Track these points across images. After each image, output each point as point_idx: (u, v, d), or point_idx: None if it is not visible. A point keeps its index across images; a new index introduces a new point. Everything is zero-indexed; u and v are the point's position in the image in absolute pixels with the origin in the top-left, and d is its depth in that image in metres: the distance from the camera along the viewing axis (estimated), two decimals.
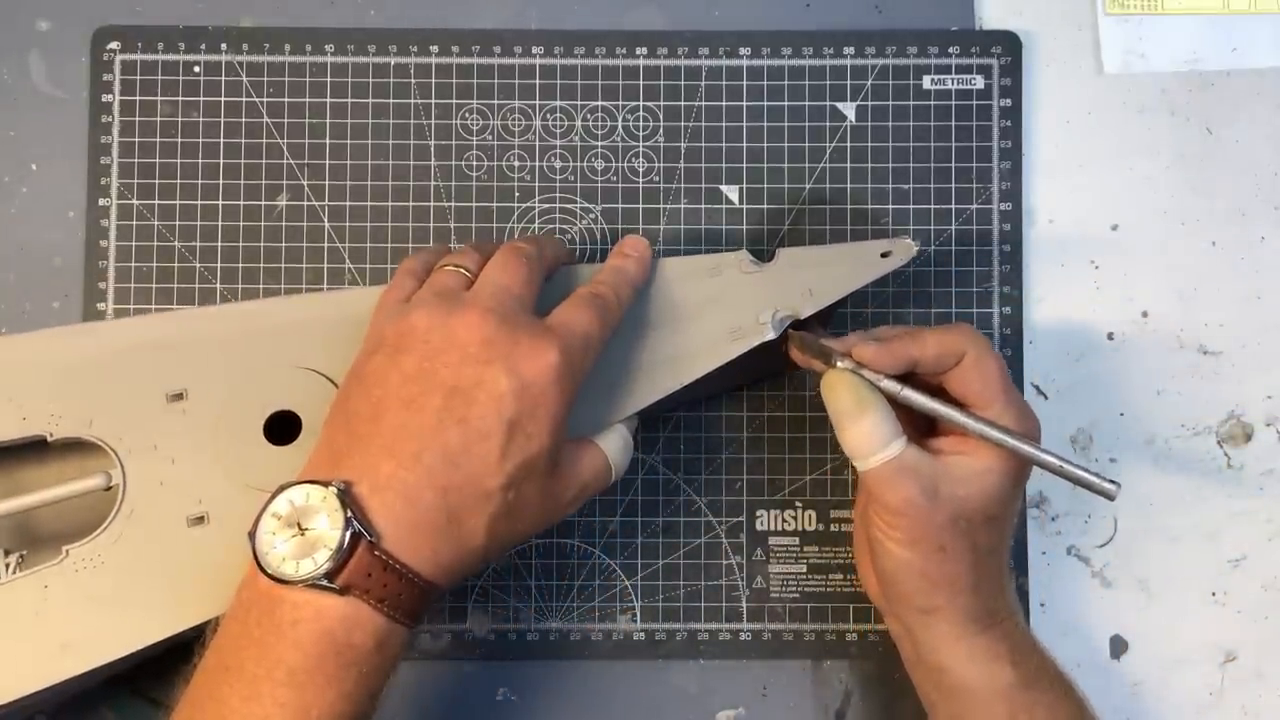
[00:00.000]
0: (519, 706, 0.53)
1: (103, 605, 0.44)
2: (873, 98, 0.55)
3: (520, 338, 0.41)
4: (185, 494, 0.45)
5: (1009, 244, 0.54)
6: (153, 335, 0.46)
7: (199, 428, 0.45)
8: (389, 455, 0.39)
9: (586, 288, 0.45)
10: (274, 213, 0.54)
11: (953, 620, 0.44)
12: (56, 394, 0.45)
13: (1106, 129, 0.55)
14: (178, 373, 0.46)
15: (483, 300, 0.42)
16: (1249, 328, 0.55)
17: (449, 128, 0.55)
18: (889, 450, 0.43)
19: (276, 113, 0.54)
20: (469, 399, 0.39)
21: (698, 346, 0.47)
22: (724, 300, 0.47)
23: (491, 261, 0.44)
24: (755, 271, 0.47)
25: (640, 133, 0.55)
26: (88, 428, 0.45)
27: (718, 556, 0.53)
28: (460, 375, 0.40)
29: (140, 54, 0.54)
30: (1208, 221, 0.55)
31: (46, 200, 0.54)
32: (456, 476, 0.39)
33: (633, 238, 0.48)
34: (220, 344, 0.46)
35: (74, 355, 0.46)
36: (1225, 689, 0.54)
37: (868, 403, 0.43)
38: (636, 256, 0.47)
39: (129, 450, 0.45)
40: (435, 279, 0.44)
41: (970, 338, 0.44)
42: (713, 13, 0.55)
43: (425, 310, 0.41)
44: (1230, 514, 0.54)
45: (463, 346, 0.40)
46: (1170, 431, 0.54)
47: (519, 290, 0.43)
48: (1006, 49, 0.55)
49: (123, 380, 0.45)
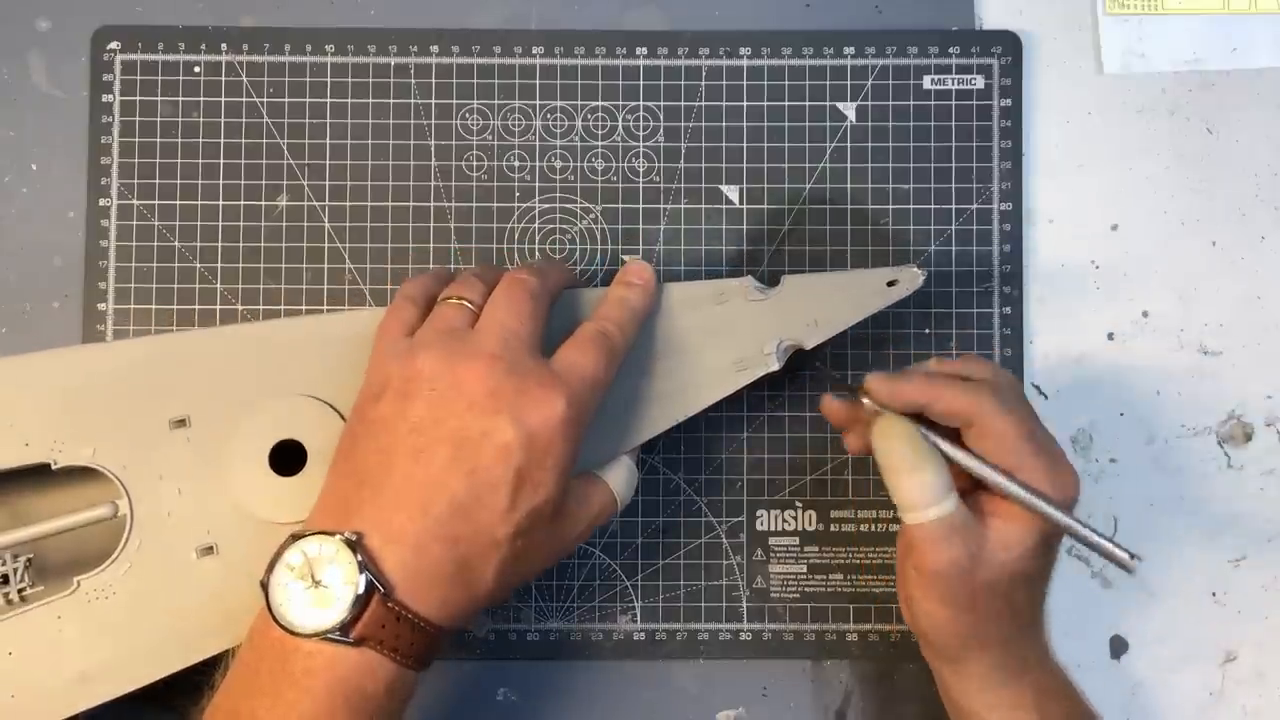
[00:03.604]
0: (519, 706, 0.53)
1: (118, 636, 0.44)
2: (873, 98, 0.55)
3: (527, 386, 0.40)
4: (193, 524, 0.45)
5: (1009, 244, 0.54)
6: (152, 358, 0.46)
7: (204, 457, 0.45)
8: (398, 508, 0.39)
9: (592, 324, 0.44)
10: (274, 213, 0.54)
11: (980, 672, 0.44)
12: (58, 419, 0.45)
13: (1106, 129, 0.55)
14: (179, 398, 0.45)
15: (488, 345, 0.41)
16: (1249, 328, 0.55)
17: (449, 128, 0.55)
18: (942, 507, 0.42)
19: (276, 113, 0.54)
20: (476, 449, 0.40)
21: (702, 378, 0.47)
22: (728, 330, 0.47)
23: (495, 297, 0.43)
24: (760, 299, 0.47)
25: (640, 133, 0.55)
26: (91, 456, 0.44)
27: (718, 556, 0.53)
28: (467, 425, 0.40)
29: (140, 54, 0.54)
30: (1208, 221, 0.55)
31: (46, 200, 0.54)
32: (465, 527, 0.39)
33: (637, 263, 0.47)
34: (221, 368, 0.46)
35: (74, 379, 0.45)
36: (1225, 689, 0.54)
37: (925, 455, 0.42)
38: (641, 285, 0.47)
39: (134, 480, 0.44)
40: (439, 315, 0.43)
41: (979, 403, 0.43)
42: (713, 13, 0.55)
43: (430, 355, 0.41)
44: (1230, 514, 0.54)
45: (469, 395, 0.40)
46: (1170, 431, 0.54)
47: (524, 328, 0.42)
48: (1006, 49, 0.55)
49: (124, 406, 0.45)
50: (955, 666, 0.44)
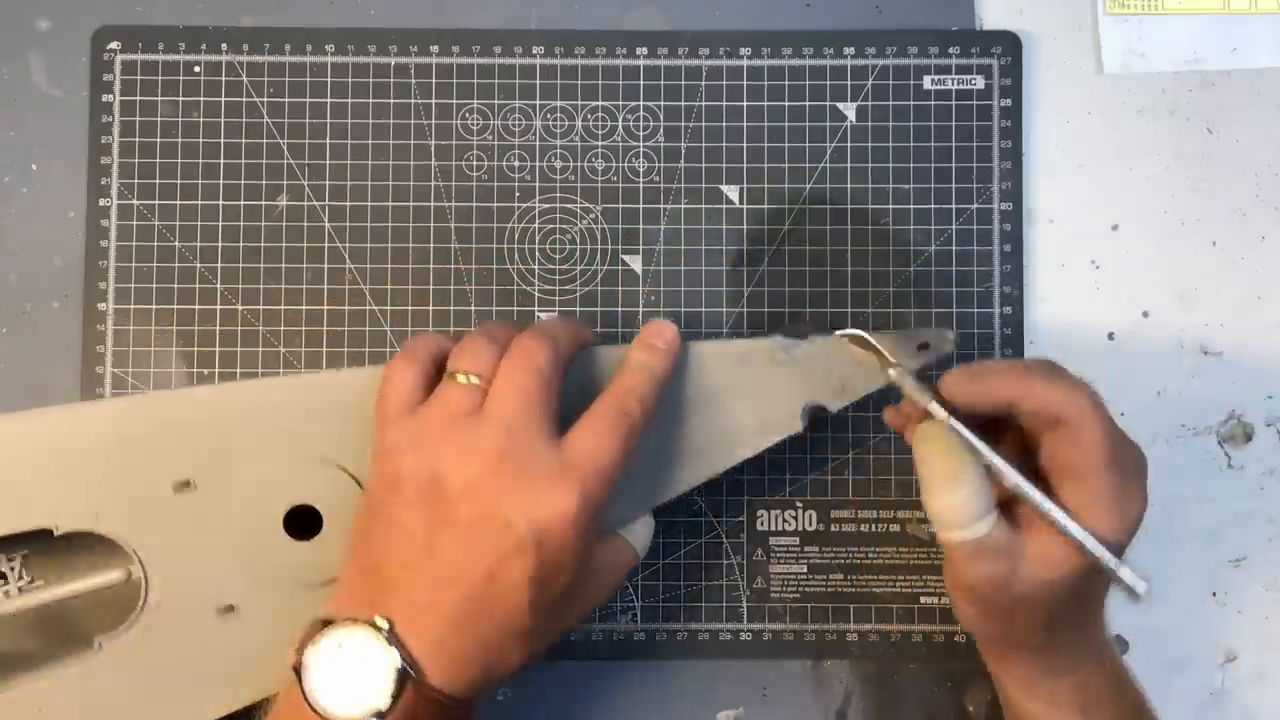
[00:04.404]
0: (518, 706, 0.53)
1: (142, 695, 0.44)
2: (873, 98, 0.55)
3: (537, 484, 0.40)
4: (209, 585, 0.44)
5: (1009, 244, 0.54)
6: (151, 418, 0.44)
7: (213, 521, 0.44)
8: (422, 604, 0.40)
9: (612, 398, 0.42)
10: (274, 213, 0.54)
11: (1022, 672, 0.44)
12: (55, 482, 0.43)
13: (1106, 129, 0.55)
14: (182, 460, 0.44)
15: (495, 439, 0.40)
16: (1249, 328, 0.55)
17: (449, 128, 0.55)
18: (978, 527, 0.40)
19: (276, 113, 0.54)
20: (492, 550, 0.40)
21: (726, 439, 0.46)
22: (753, 391, 0.46)
23: (503, 373, 0.41)
24: (787, 363, 0.46)
25: (640, 133, 0.55)
26: (95, 522, 0.43)
27: (718, 556, 0.53)
28: (482, 526, 0.40)
29: (140, 54, 0.54)
30: (1208, 221, 0.55)
31: (46, 200, 0.54)
32: (490, 623, 0.40)
33: (659, 324, 0.45)
34: (223, 429, 0.44)
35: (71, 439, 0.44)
36: (1225, 689, 0.54)
37: (966, 470, 0.40)
38: (664, 349, 0.44)
39: (143, 544, 0.44)
40: (445, 397, 0.41)
41: (1075, 402, 0.40)
42: (713, 13, 0.55)
43: (439, 451, 0.40)
44: (1231, 514, 0.54)
45: (480, 494, 0.40)
46: (1170, 431, 0.54)
47: (534, 412, 0.41)
48: (1006, 49, 0.55)
49: (124, 468, 0.44)
50: (1000, 663, 0.45)
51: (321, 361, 0.53)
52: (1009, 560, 0.40)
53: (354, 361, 0.53)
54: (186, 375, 0.53)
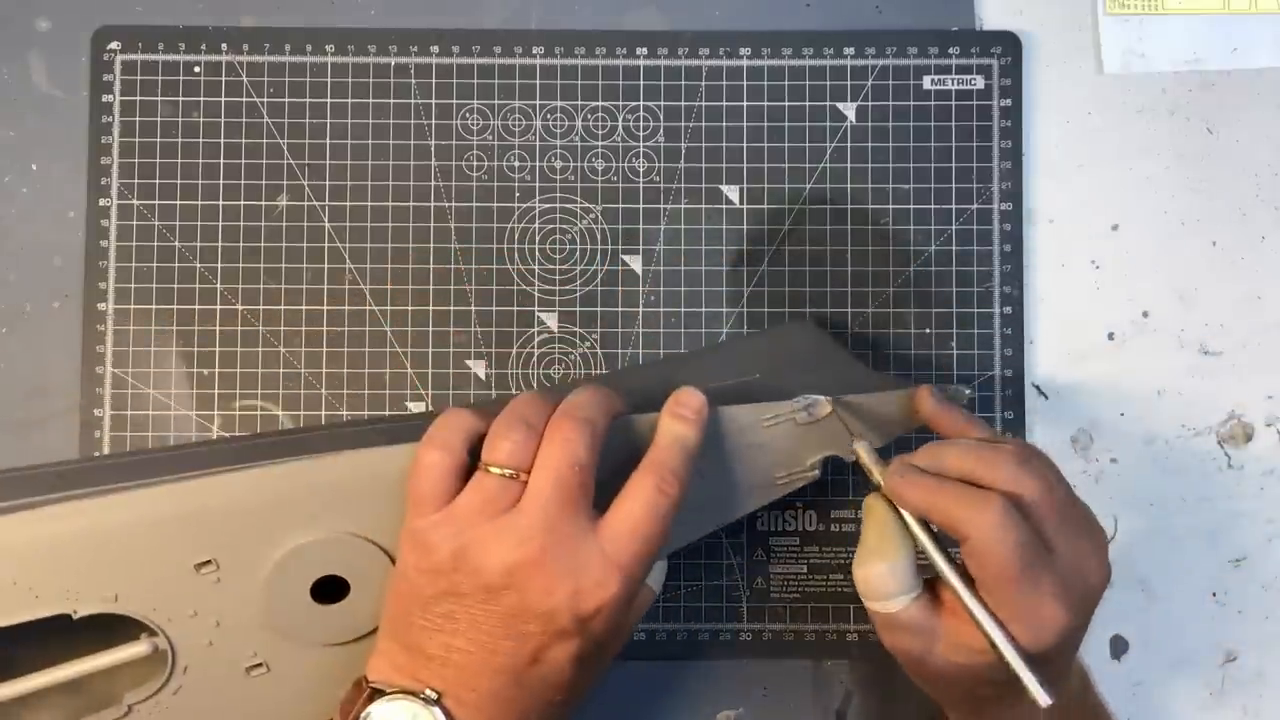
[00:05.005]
0: None
1: None
2: (873, 98, 0.55)
3: (581, 574, 0.39)
4: (238, 648, 0.43)
5: (1009, 244, 0.54)
6: (168, 509, 0.43)
7: (237, 595, 0.43)
8: (470, 682, 0.40)
9: (651, 478, 0.41)
10: (274, 213, 0.54)
11: None
12: (72, 571, 0.42)
13: (1106, 129, 0.55)
14: (201, 545, 0.43)
15: (538, 532, 0.39)
16: (1249, 328, 0.55)
17: (449, 128, 0.55)
18: (893, 603, 0.41)
19: (276, 113, 0.54)
20: (540, 638, 0.40)
21: (744, 490, 0.46)
22: (774, 448, 0.46)
23: (542, 463, 0.40)
24: (808, 421, 0.46)
25: (640, 133, 0.55)
26: (114, 603, 0.42)
27: (718, 556, 0.53)
28: (527, 616, 0.40)
29: (140, 54, 0.54)
30: (1208, 221, 0.55)
31: (46, 200, 0.54)
32: (534, 701, 0.41)
33: (689, 393, 0.44)
34: (242, 512, 0.43)
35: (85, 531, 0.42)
36: (1225, 689, 0.54)
37: (893, 548, 0.41)
38: (694, 418, 0.43)
39: (166, 619, 0.43)
40: (483, 490, 0.40)
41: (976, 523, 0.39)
42: (713, 13, 0.55)
43: (477, 542, 0.40)
44: (1231, 514, 0.54)
45: (523, 587, 0.39)
46: (1170, 431, 0.54)
47: (575, 500, 0.40)
48: (1006, 49, 0.55)
49: (142, 555, 0.42)
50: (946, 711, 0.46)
51: (322, 361, 0.53)
52: (923, 638, 0.41)
53: (354, 362, 0.53)
54: (186, 375, 0.53)
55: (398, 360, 0.54)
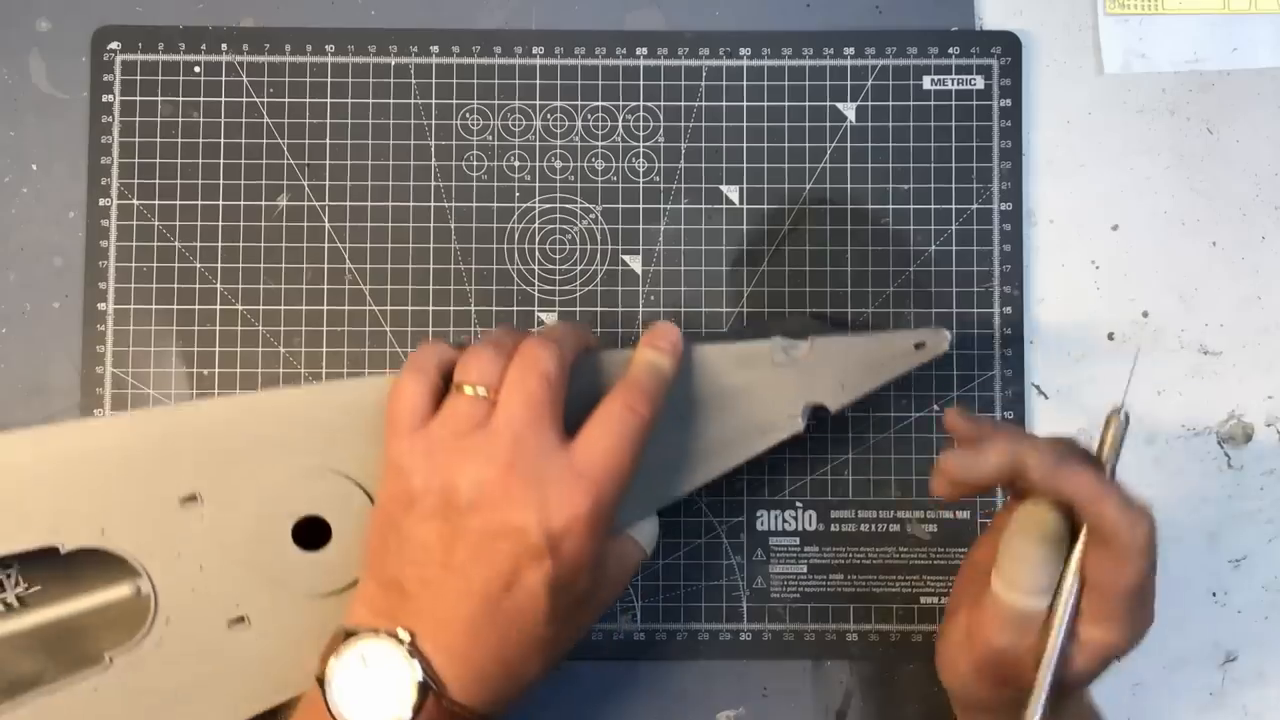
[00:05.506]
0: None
1: (155, 707, 0.44)
2: (873, 98, 0.55)
3: (550, 488, 0.40)
4: (220, 598, 0.44)
5: (1009, 244, 0.54)
6: (156, 433, 0.44)
7: (221, 534, 0.44)
8: (445, 617, 0.40)
9: (620, 399, 0.42)
10: (274, 213, 0.54)
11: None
12: (60, 500, 0.43)
13: (1106, 129, 0.55)
14: (187, 474, 0.44)
15: (507, 447, 0.40)
16: (1249, 328, 0.55)
17: (449, 128, 0.55)
18: (1031, 601, 0.40)
19: (276, 113, 0.54)
20: (511, 558, 0.40)
21: (727, 441, 0.46)
22: (754, 393, 0.46)
23: (510, 382, 0.41)
24: (786, 364, 0.46)
25: (640, 133, 0.55)
26: (100, 537, 0.43)
27: (718, 556, 0.53)
28: (497, 535, 0.40)
29: (140, 54, 0.54)
30: (1208, 221, 0.55)
31: (46, 200, 0.54)
32: (510, 632, 0.41)
33: (665, 325, 0.45)
34: (228, 442, 0.44)
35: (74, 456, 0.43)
36: (1225, 689, 0.54)
37: (1052, 551, 0.40)
38: (669, 350, 0.45)
39: (151, 558, 0.43)
40: (453, 410, 0.42)
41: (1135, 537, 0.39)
42: (713, 13, 0.55)
43: (449, 466, 0.40)
44: (1231, 514, 0.54)
45: (493, 504, 0.40)
46: (1170, 431, 0.54)
47: (544, 417, 0.41)
48: (1006, 49, 0.55)
49: (128, 483, 0.43)
50: None
51: (321, 361, 0.53)
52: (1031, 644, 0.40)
53: (354, 362, 0.54)
54: (186, 375, 0.53)
55: (398, 360, 0.54)
